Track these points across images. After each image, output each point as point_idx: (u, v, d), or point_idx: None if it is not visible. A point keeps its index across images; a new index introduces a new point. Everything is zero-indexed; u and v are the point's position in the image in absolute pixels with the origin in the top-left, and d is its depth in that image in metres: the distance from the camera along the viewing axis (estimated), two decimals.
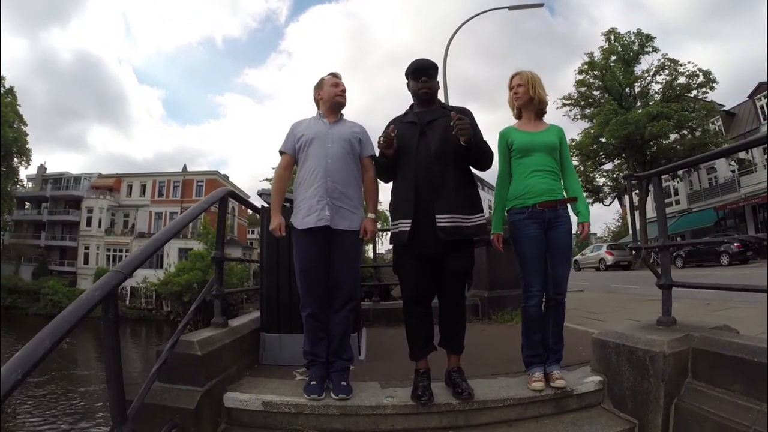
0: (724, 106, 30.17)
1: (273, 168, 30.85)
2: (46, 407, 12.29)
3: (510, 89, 2.98)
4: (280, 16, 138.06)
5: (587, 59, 29.58)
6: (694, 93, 27.01)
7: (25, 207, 44.44)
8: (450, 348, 2.79)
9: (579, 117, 30.72)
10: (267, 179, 31.06)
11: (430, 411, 2.55)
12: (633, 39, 28.61)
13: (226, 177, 44.84)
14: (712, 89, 26.87)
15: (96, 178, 45.11)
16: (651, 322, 2.93)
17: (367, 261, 9.08)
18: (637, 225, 28.50)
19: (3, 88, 35.19)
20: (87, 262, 40.89)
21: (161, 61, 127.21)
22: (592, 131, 29.02)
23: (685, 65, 26.93)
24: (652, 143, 27.00)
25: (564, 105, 30.60)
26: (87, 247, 41.55)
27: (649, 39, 28.33)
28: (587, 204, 3.02)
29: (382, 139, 2.61)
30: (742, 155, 27.78)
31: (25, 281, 37.88)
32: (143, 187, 44.01)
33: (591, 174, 30.60)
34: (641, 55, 28.53)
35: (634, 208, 29.00)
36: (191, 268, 31.27)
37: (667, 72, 27.57)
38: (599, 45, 29.60)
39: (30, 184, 45.06)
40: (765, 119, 26.73)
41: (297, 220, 2.83)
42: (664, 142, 27.08)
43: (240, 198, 3.59)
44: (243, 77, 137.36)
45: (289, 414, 2.58)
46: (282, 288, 3.52)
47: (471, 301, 5.59)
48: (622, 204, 31.62)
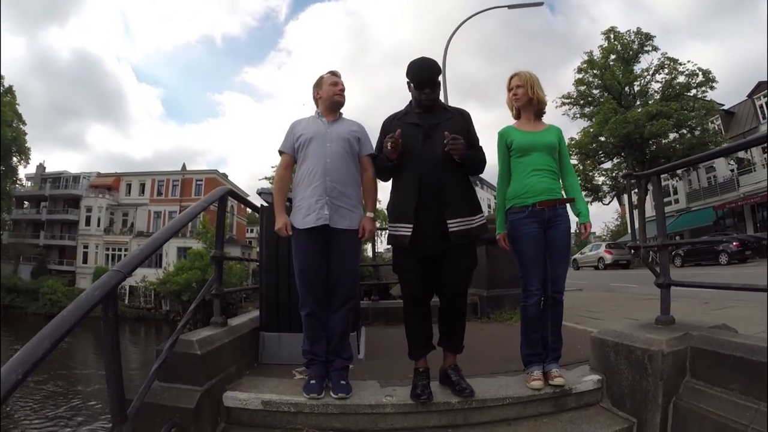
0: (723, 105, 30.20)
1: (272, 167, 30.93)
2: (45, 407, 12.27)
3: (509, 90, 2.99)
4: (279, 14, 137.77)
5: (586, 58, 29.62)
6: (693, 92, 27.07)
7: (24, 206, 44.41)
8: (449, 347, 2.79)
9: (578, 116, 30.78)
10: (266, 178, 31.12)
11: (429, 410, 2.55)
12: (632, 38, 28.64)
13: (225, 176, 44.82)
14: (711, 88, 26.92)
15: (95, 177, 45.04)
16: (649, 321, 2.93)
17: (366, 260, 9.07)
18: (636, 224, 28.51)
19: (2, 87, 35.15)
20: (86, 261, 40.86)
21: (160, 60, 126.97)
22: (591, 130, 29.04)
23: (685, 64, 27.01)
24: (651, 142, 27.05)
25: (563, 104, 30.66)
26: (86, 246, 41.50)
27: (649, 38, 28.36)
28: (586, 204, 3.03)
29: (389, 144, 2.57)
30: (741, 154, 27.80)
31: (24, 280, 37.80)
32: (142, 186, 43.96)
33: (590, 173, 30.64)
34: (641, 54, 28.56)
35: (633, 207, 29.01)
36: (190, 267, 31.23)
37: (667, 71, 27.61)
38: (599, 44, 29.68)
39: (29, 183, 44.99)
40: (764, 118, 26.75)
41: (296, 219, 2.83)
42: (663, 141, 27.14)
43: (239, 197, 3.59)
44: (242, 76, 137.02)
45: (289, 413, 2.57)
46: (281, 287, 3.52)
47: (470, 300, 5.56)
48: (621, 203, 31.67)
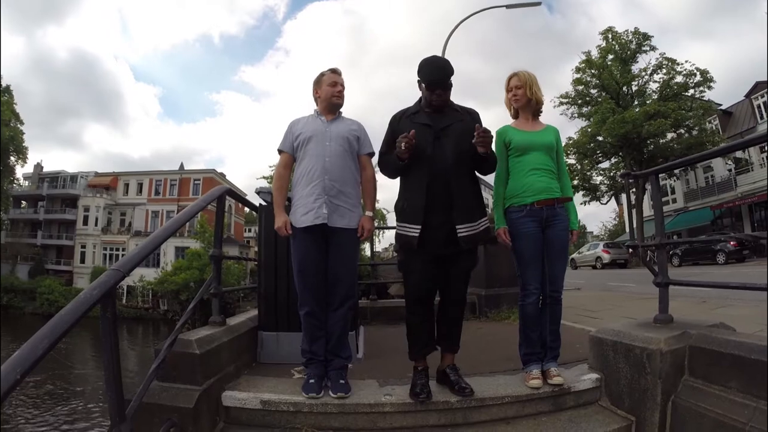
0: (721, 105, 30.28)
1: (270, 166, 30.89)
2: (44, 408, 12.25)
3: (508, 91, 2.98)
4: (277, 13, 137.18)
5: (584, 58, 29.67)
6: (691, 92, 27.16)
7: (22, 206, 44.31)
8: (447, 347, 2.80)
9: (576, 115, 30.87)
10: (264, 177, 31.07)
11: (428, 409, 2.55)
12: (630, 38, 28.71)
13: (223, 175, 44.76)
14: (709, 88, 27.04)
15: (93, 176, 44.99)
16: (648, 320, 2.94)
17: (364, 259, 9.08)
18: (634, 223, 28.60)
19: (0, 86, 35.05)
20: (83, 260, 40.80)
21: (158, 59, 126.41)
22: (589, 130, 29.10)
23: (683, 64, 27.08)
24: (649, 142, 27.15)
25: (561, 104, 30.73)
26: (83, 246, 41.41)
27: (647, 38, 28.45)
28: (576, 209, 3.03)
29: (403, 145, 2.52)
30: (738, 154, 27.87)
31: (22, 280, 37.73)
32: (140, 186, 43.89)
33: (588, 172, 30.70)
34: (638, 54, 28.65)
35: (630, 206, 29.11)
36: (188, 266, 31.21)
37: (665, 71, 27.68)
38: (597, 43, 29.78)
39: (26, 182, 44.87)
40: (762, 118, 26.80)
41: (295, 218, 2.83)
42: (661, 140, 27.26)
43: (238, 196, 3.58)
44: (240, 75, 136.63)
45: (288, 412, 2.57)
46: (280, 286, 3.52)
47: (468, 300, 5.55)
48: (618, 202, 31.74)
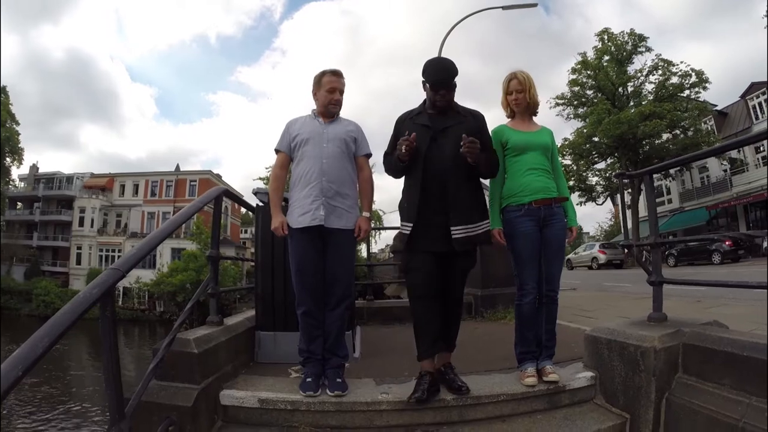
0: (716, 106, 30.40)
1: (266, 168, 30.86)
2: (42, 409, 12.22)
3: (508, 93, 2.97)
4: (274, 13, 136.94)
5: (580, 59, 29.78)
6: (686, 93, 27.28)
7: (17, 207, 44.08)
8: (444, 346, 2.80)
9: (572, 116, 30.96)
10: (260, 178, 30.98)
11: (424, 407, 2.57)
12: (626, 39, 28.83)
13: (219, 177, 44.73)
14: (704, 89, 27.16)
15: (88, 177, 44.87)
16: (642, 318, 2.96)
17: (360, 260, 9.10)
18: (629, 223, 28.71)
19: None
20: (79, 262, 40.68)
21: (154, 59, 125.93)
22: (585, 130, 29.22)
23: (678, 65, 27.21)
24: (644, 143, 27.26)
25: (557, 104, 30.83)
26: (79, 248, 41.28)
27: (642, 39, 28.58)
28: (574, 208, 3.07)
29: (403, 147, 2.56)
30: (733, 155, 28.03)
31: (18, 282, 37.61)
32: (136, 187, 43.80)
33: (584, 173, 30.80)
34: (634, 55, 28.78)
35: (625, 206, 29.23)
36: (184, 268, 31.18)
37: (660, 72, 27.80)
38: (593, 44, 29.88)
39: (22, 183, 44.75)
40: (757, 119, 26.93)
41: (292, 219, 2.85)
42: (656, 141, 27.37)
43: (235, 197, 3.60)
44: (236, 75, 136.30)
45: (285, 411, 2.59)
46: (277, 286, 3.53)
47: (464, 300, 5.60)
48: (614, 203, 31.85)
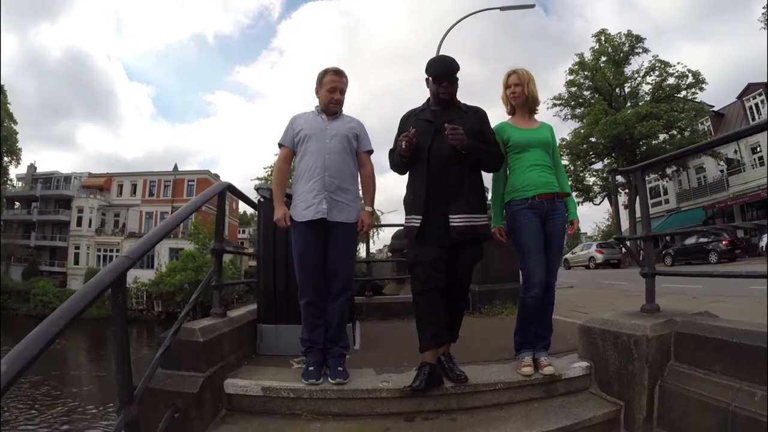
0: (713, 106, 30.58)
1: (264, 168, 31.03)
2: (42, 408, 12.22)
3: (506, 87, 3.06)
4: (272, 12, 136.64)
5: (577, 60, 29.93)
6: (683, 94, 27.43)
7: (15, 207, 43.98)
8: (447, 339, 2.86)
9: (569, 117, 31.10)
10: (258, 178, 31.07)
11: (424, 394, 2.63)
12: (623, 40, 28.97)
13: (217, 176, 44.61)
14: (701, 90, 27.34)
15: (86, 177, 44.76)
16: (635, 310, 3.03)
17: (360, 259, 9.16)
18: (622, 218, 28.87)
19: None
20: (77, 262, 40.56)
21: (152, 58, 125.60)
22: (582, 131, 29.34)
23: (675, 66, 27.36)
24: (641, 143, 27.36)
25: (555, 105, 30.96)
26: (77, 247, 41.18)
27: (639, 40, 28.75)
28: (575, 202, 3.16)
29: (404, 143, 2.65)
30: (730, 155, 28.19)
31: (15, 281, 37.50)
32: (134, 187, 43.74)
33: (581, 173, 30.91)
34: (631, 56, 28.92)
35: (618, 202, 29.41)
36: (182, 268, 31.18)
37: (657, 73, 27.95)
38: (592, 45, 30.02)
39: (20, 183, 44.66)
40: (754, 120, 27.06)
41: (296, 213, 2.93)
42: (653, 142, 27.46)
43: (239, 192, 3.66)
44: (234, 75, 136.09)
45: (288, 399, 2.65)
46: (279, 280, 3.59)
47: None
48: (612, 203, 31.95)
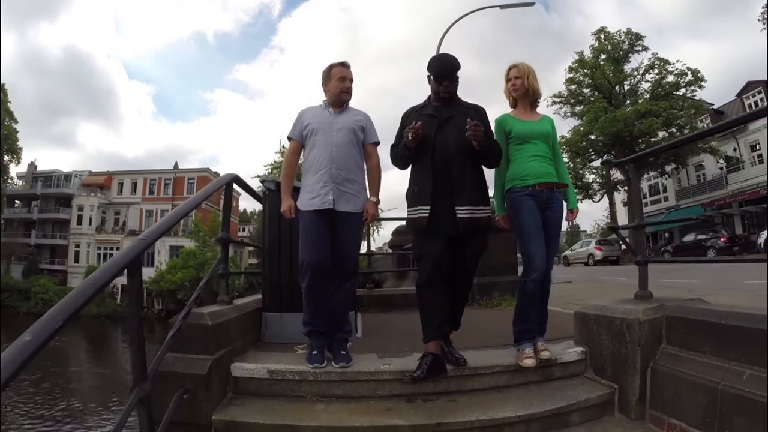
0: (713, 104, 30.67)
1: (264, 165, 31.09)
2: (43, 405, 12.30)
3: (507, 81, 3.17)
4: (273, 10, 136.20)
5: (577, 57, 30.04)
6: (682, 91, 27.53)
7: (15, 205, 44.11)
8: (450, 328, 2.96)
9: (569, 114, 31.21)
10: (258, 176, 31.11)
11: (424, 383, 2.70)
12: (623, 38, 29.07)
13: (216, 174, 44.67)
14: (700, 87, 27.45)
15: (87, 175, 44.89)
16: (629, 297, 3.13)
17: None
18: (621, 215, 29.00)
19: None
20: (78, 260, 40.71)
21: (151, 57, 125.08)
22: (581, 128, 29.42)
23: (674, 64, 27.46)
24: (640, 140, 27.42)
25: (554, 103, 31.07)
26: (78, 245, 41.38)
27: (639, 38, 28.85)
28: (574, 192, 3.26)
29: (410, 135, 2.74)
30: (729, 153, 28.30)
31: (16, 280, 37.64)
32: (134, 185, 43.90)
33: (581, 171, 31.00)
34: (631, 54, 29.02)
35: (613, 194, 29.61)
36: (183, 265, 31.27)
37: (657, 71, 28.05)
38: (591, 43, 30.13)
39: (20, 182, 44.76)
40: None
41: (302, 202, 3.04)
42: (652, 139, 27.53)
43: (245, 184, 3.75)
44: (234, 73, 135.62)
45: (293, 381, 2.75)
46: (283, 270, 3.68)
47: None
48: (611, 201, 32.07)
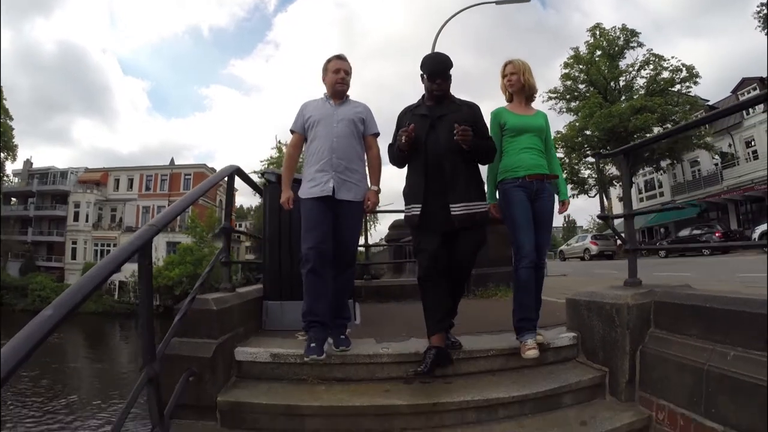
0: (708, 101, 30.80)
1: (261, 161, 31.14)
2: (43, 401, 12.35)
3: (503, 76, 3.27)
4: (268, 5, 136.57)
5: (572, 53, 30.14)
6: (677, 87, 27.68)
7: (11, 202, 43.96)
8: (451, 321, 3.05)
9: (564, 110, 31.34)
10: (254, 171, 31.14)
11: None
12: (618, 34, 29.18)
13: (213, 170, 44.63)
14: (695, 83, 27.62)
15: (83, 172, 44.78)
16: (619, 284, 3.24)
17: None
18: (617, 211, 29.09)
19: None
20: (74, 257, 40.66)
21: (146, 52, 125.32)
22: (577, 124, 29.55)
23: (669, 60, 27.59)
24: (635, 136, 27.53)
25: (550, 98, 31.19)
26: (74, 242, 41.32)
27: (634, 34, 28.98)
28: (565, 184, 3.37)
29: (403, 138, 2.83)
30: (725, 149, 28.49)
31: (13, 277, 37.56)
32: (130, 181, 43.80)
33: (576, 166, 31.15)
34: (626, 50, 29.15)
35: (605, 185, 29.77)
36: (180, 261, 31.29)
37: (652, 67, 28.18)
38: (586, 39, 30.22)
39: (16, 179, 44.62)
40: (747, 114, 27.32)
41: (303, 190, 3.13)
42: (647, 135, 27.64)
43: (246, 177, 3.83)
44: (229, 68, 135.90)
45: (295, 364, 2.85)
46: (284, 259, 3.78)
47: None
48: (607, 197, 32.19)
